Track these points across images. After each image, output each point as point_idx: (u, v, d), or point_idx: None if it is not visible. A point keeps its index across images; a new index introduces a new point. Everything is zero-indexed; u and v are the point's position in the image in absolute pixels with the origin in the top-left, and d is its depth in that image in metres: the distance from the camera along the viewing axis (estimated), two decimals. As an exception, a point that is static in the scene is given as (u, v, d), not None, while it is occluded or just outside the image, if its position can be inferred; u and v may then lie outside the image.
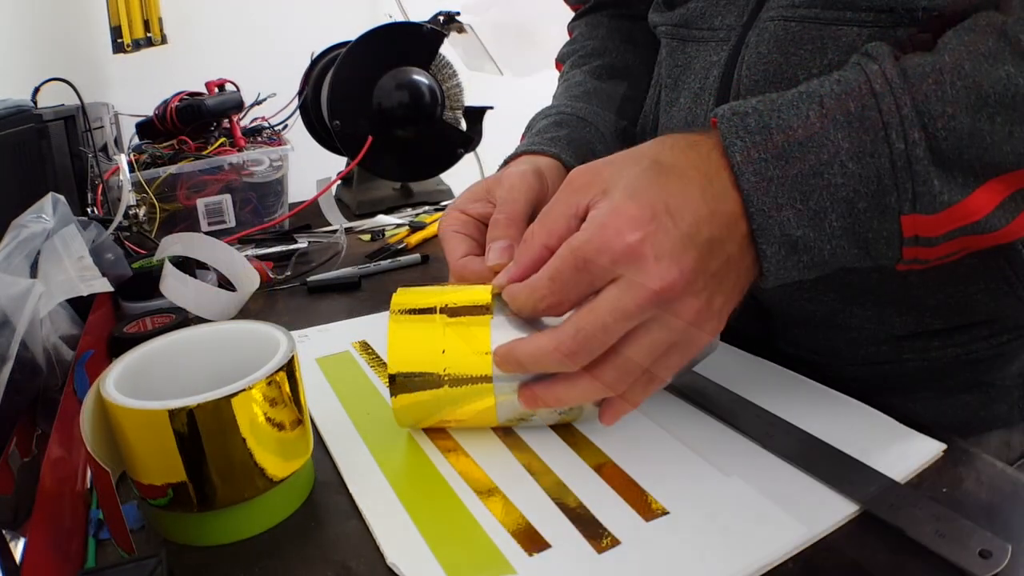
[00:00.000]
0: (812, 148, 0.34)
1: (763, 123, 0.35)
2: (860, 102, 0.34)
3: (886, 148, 0.34)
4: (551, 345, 0.36)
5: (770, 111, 0.36)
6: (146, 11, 1.56)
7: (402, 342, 0.42)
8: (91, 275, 0.54)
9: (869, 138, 0.34)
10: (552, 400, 0.39)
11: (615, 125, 0.62)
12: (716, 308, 0.37)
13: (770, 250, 0.36)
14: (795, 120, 0.35)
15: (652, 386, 0.39)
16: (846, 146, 0.34)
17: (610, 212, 0.35)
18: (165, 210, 0.89)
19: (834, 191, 0.34)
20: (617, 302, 0.35)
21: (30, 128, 0.81)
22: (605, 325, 0.35)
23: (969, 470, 0.39)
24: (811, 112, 0.35)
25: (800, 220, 0.35)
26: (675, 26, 0.56)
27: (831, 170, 0.34)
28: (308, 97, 1.15)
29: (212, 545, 0.38)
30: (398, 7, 1.49)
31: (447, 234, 0.49)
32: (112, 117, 1.16)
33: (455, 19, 1.12)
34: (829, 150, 0.34)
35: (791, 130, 0.35)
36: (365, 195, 1.08)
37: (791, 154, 0.35)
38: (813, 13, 0.45)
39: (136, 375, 0.39)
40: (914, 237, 0.36)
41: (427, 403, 0.42)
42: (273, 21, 1.95)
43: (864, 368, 0.54)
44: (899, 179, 0.34)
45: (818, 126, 0.34)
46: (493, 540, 0.36)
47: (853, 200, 0.35)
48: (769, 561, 0.34)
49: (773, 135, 0.35)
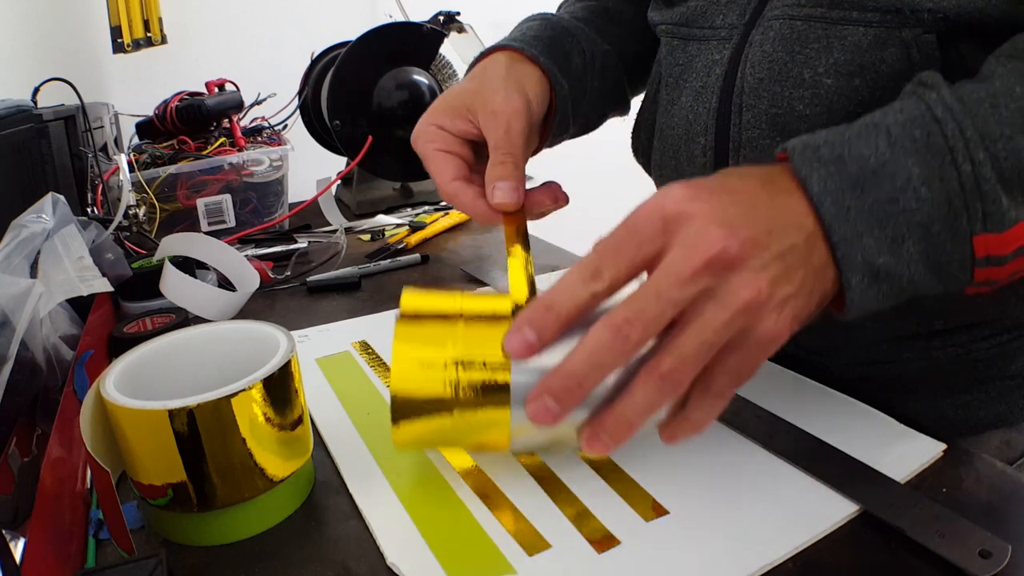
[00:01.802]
0: (886, 176, 0.35)
1: (836, 153, 0.35)
2: (924, 128, 0.35)
3: (954, 171, 0.34)
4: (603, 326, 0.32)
5: (841, 142, 0.36)
6: (146, 11, 1.56)
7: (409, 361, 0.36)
8: (91, 275, 0.54)
9: (937, 163, 0.34)
10: (615, 425, 0.33)
11: (597, 45, 0.61)
12: (779, 298, 0.33)
13: (855, 279, 0.35)
14: (866, 149, 0.35)
15: (709, 397, 0.34)
16: (916, 171, 0.34)
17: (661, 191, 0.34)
18: (165, 210, 0.89)
19: (909, 216, 0.35)
20: (669, 267, 0.32)
21: (30, 128, 0.81)
22: (658, 291, 0.32)
23: (969, 470, 0.39)
24: (880, 141, 0.35)
25: (880, 247, 0.35)
26: (675, 25, 0.56)
27: (905, 196, 0.35)
28: (308, 97, 1.15)
29: (212, 545, 0.38)
30: (398, 7, 1.49)
31: (429, 152, 0.48)
32: (112, 117, 1.16)
33: (455, 19, 1.12)
34: (902, 176, 0.34)
35: (863, 159, 0.35)
36: (365, 195, 1.08)
37: (866, 182, 0.35)
38: (819, 12, 0.45)
39: (136, 375, 0.39)
40: (986, 257, 0.36)
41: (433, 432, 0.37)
42: (273, 21, 1.94)
43: (864, 368, 0.54)
44: (968, 200, 0.34)
45: (888, 154, 0.35)
46: (493, 540, 0.36)
47: (928, 224, 0.35)
48: (769, 561, 0.34)
49: (847, 165, 0.35)
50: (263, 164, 0.96)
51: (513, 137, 0.47)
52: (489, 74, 0.51)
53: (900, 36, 0.42)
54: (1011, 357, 0.51)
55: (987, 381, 0.52)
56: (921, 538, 0.34)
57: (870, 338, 0.52)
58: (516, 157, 0.46)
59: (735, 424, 0.44)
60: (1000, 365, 0.51)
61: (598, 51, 0.60)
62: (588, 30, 0.61)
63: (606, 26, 0.64)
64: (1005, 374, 0.51)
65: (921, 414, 0.46)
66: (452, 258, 0.82)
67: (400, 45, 1.00)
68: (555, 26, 0.59)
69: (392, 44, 0.99)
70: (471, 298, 0.38)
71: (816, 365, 0.52)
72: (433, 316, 0.37)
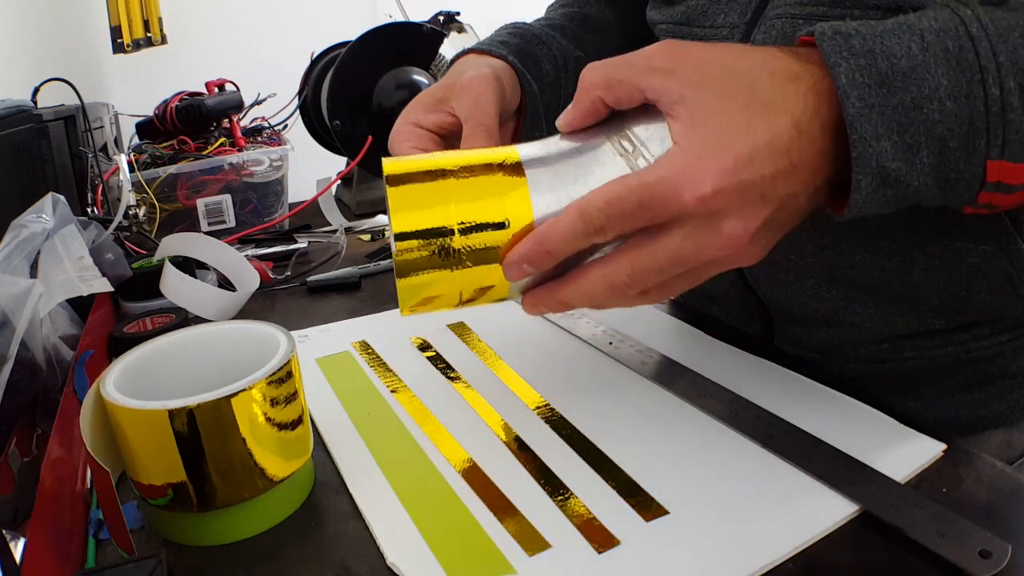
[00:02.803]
0: (914, 80, 0.34)
1: (867, 47, 0.34)
2: (957, 42, 0.34)
3: (981, 91, 0.33)
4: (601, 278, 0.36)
5: (872, 35, 0.35)
6: (146, 11, 1.56)
7: (408, 198, 0.37)
8: (91, 275, 0.54)
9: (966, 79, 0.34)
10: (557, 305, 0.38)
11: (569, 52, 0.61)
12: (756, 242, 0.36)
13: (864, 180, 0.35)
14: (898, 48, 0.34)
15: (632, 295, 0.38)
16: (944, 83, 0.34)
17: (691, 156, 0.34)
18: (165, 210, 0.89)
19: (930, 127, 0.34)
20: (679, 250, 0.35)
21: (30, 128, 0.81)
22: (661, 268, 0.35)
23: (969, 470, 0.39)
24: (913, 43, 0.34)
25: (896, 152, 0.34)
26: (676, 23, 0.56)
27: (930, 105, 0.34)
28: (308, 97, 1.15)
29: (212, 545, 0.38)
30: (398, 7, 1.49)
31: (405, 151, 0.48)
32: (112, 117, 1.16)
33: (455, 19, 1.12)
34: (930, 84, 0.34)
35: (895, 58, 0.34)
36: (365, 195, 1.08)
37: (894, 83, 0.34)
38: (821, 11, 0.45)
39: (136, 375, 0.39)
40: (996, 183, 0.35)
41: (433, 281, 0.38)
42: (273, 21, 1.94)
43: (864, 367, 0.54)
44: (991, 124, 0.34)
45: (920, 58, 0.34)
46: (493, 540, 0.36)
47: (946, 138, 0.34)
48: (769, 561, 0.34)
49: (878, 61, 0.34)
50: (263, 164, 0.96)
51: (483, 106, 0.47)
52: (459, 69, 0.52)
53: None
54: (1011, 356, 0.51)
55: (987, 381, 0.52)
56: (921, 538, 0.34)
57: (870, 338, 0.52)
58: (488, 127, 0.46)
59: (735, 424, 0.44)
60: (1000, 364, 0.51)
61: (571, 57, 0.61)
62: (560, 37, 0.61)
63: (583, 34, 0.64)
64: (1005, 373, 0.51)
65: (921, 414, 0.46)
66: (452, 258, 0.82)
67: (400, 45, 1.00)
68: (524, 34, 0.59)
69: (392, 44, 0.99)
70: (455, 154, 0.39)
71: (816, 364, 0.52)
72: (423, 174, 0.38)
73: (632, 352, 0.53)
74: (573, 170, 0.37)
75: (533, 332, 0.59)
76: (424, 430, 0.46)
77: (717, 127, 0.34)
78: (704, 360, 0.51)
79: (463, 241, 0.37)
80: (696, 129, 0.35)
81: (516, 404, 0.48)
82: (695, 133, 0.35)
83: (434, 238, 0.36)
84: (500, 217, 0.37)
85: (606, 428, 0.45)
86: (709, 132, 0.34)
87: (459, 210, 0.37)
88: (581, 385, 0.50)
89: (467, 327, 0.61)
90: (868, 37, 0.34)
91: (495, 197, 0.37)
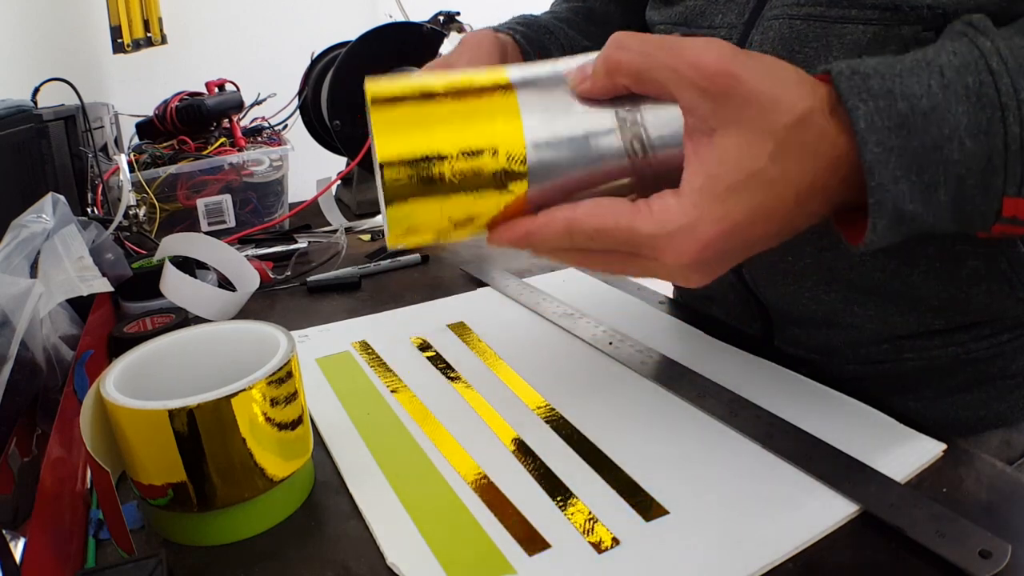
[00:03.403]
0: (934, 120, 0.33)
1: (886, 87, 0.33)
2: (978, 78, 0.33)
3: (1001, 128, 0.33)
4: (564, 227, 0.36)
5: (891, 75, 0.34)
6: (146, 11, 1.56)
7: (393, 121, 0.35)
8: (91, 275, 0.54)
9: (986, 116, 0.33)
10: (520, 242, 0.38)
11: (576, 41, 0.61)
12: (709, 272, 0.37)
13: (880, 223, 0.34)
14: (918, 88, 0.33)
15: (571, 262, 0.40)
16: (964, 121, 0.33)
17: (688, 220, 0.34)
18: (165, 210, 0.89)
19: (949, 167, 0.34)
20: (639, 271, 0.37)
21: (30, 128, 0.81)
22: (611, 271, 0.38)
23: (969, 470, 0.39)
24: (933, 81, 0.34)
25: (913, 193, 0.34)
26: (674, 24, 0.56)
27: (950, 144, 0.33)
28: (308, 97, 1.15)
29: (212, 545, 0.38)
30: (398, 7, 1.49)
31: None
32: (112, 117, 1.16)
33: (455, 19, 1.12)
34: (950, 123, 0.33)
35: (915, 98, 0.33)
36: (365, 195, 1.08)
37: (914, 124, 0.33)
38: (818, 11, 0.45)
39: (136, 375, 0.39)
40: (1012, 217, 0.35)
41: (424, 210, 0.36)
42: (273, 21, 1.95)
43: (864, 367, 0.54)
44: (1009, 162, 0.33)
45: (940, 96, 0.33)
46: (493, 540, 0.36)
47: (964, 177, 0.34)
48: (769, 561, 0.34)
49: (897, 102, 0.33)
50: (263, 164, 0.96)
51: (482, 55, 0.48)
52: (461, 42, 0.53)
53: (899, 33, 0.42)
54: (1011, 357, 0.51)
55: (987, 381, 0.52)
56: (921, 538, 0.34)
57: (870, 338, 0.52)
58: None
59: (735, 424, 0.44)
60: (1000, 365, 0.51)
61: (578, 47, 0.61)
62: (567, 28, 0.62)
63: (587, 26, 0.65)
64: (1005, 374, 0.51)
65: (921, 414, 0.46)
66: (452, 258, 0.82)
67: (400, 45, 1.00)
68: (531, 23, 0.60)
69: (392, 44, 0.99)
70: (443, 75, 0.37)
71: (816, 365, 0.52)
72: (409, 97, 0.36)
73: (632, 352, 0.53)
74: (564, 100, 0.36)
75: (533, 332, 0.59)
76: (424, 430, 0.46)
77: (728, 186, 0.34)
78: (704, 360, 0.51)
79: (452, 166, 0.35)
80: (708, 181, 0.34)
81: (516, 404, 0.48)
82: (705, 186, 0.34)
83: (422, 163, 0.35)
84: (490, 142, 0.35)
85: (606, 428, 0.45)
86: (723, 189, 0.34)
87: (447, 134, 0.35)
88: (581, 385, 0.50)
89: (467, 327, 0.61)
90: (887, 77, 0.34)
91: (485, 121, 0.35)
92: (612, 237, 0.35)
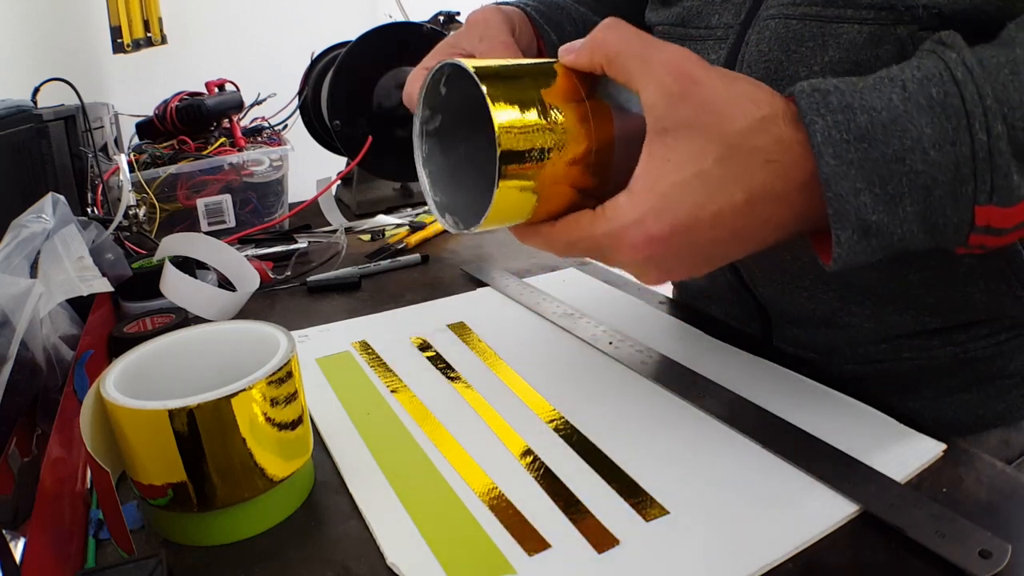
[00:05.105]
0: (895, 132, 0.34)
1: (845, 102, 0.34)
2: (942, 88, 0.33)
3: (968, 137, 0.33)
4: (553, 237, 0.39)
5: (852, 91, 0.34)
6: (146, 11, 1.57)
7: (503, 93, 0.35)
8: (91, 275, 0.54)
9: (951, 126, 0.33)
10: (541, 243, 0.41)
11: (588, 17, 0.62)
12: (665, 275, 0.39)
13: (844, 235, 0.35)
14: (878, 101, 0.34)
15: None
16: (928, 132, 0.33)
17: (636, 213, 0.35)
18: (165, 210, 0.89)
19: (913, 177, 0.34)
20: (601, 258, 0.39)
21: (30, 128, 0.81)
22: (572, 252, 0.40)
23: (969, 470, 0.39)
24: (894, 95, 0.34)
25: (876, 204, 0.34)
26: (672, 25, 0.56)
27: (913, 156, 0.33)
28: (308, 97, 1.15)
29: (212, 545, 0.38)
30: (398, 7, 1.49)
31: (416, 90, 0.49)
32: (112, 117, 1.16)
33: (455, 19, 1.12)
34: (912, 135, 0.33)
35: (874, 111, 0.34)
36: (365, 195, 1.08)
37: (874, 136, 0.34)
38: (814, 11, 0.45)
39: (136, 375, 0.39)
40: (986, 226, 0.35)
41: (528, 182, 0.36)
42: (273, 21, 1.95)
43: (863, 367, 0.54)
44: (978, 170, 0.33)
45: (902, 108, 0.34)
46: (493, 540, 0.36)
47: (930, 187, 0.34)
48: (769, 561, 0.34)
49: (857, 115, 0.34)
50: (263, 164, 0.96)
51: (493, 30, 0.48)
52: None
53: (895, 33, 0.42)
54: (1009, 356, 0.51)
55: (986, 380, 0.52)
56: (921, 538, 0.34)
57: (869, 337, 0.52)
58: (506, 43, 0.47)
59: (735, 424, 0.44)
60: (998, 364, 0.51)
61: (591, 22, 0.61)
62: (579, 6, 0.63)
63: (598, 6, 0.65)
64: (1004, 373, 0.51)
65: (921, 414, 0.46)
66: (452, 258, 0.82)
67: (400, 45, 1.00)
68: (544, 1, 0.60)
69: (392, 44, 0.99)
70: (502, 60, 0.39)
71: (816, 364, 0.52)
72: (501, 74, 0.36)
73: (632, 352, 0.53)
74: None
75: (533, 332, 0.59)
76: (424, 430, 0.46)
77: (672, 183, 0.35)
78: (704, 360, 0.52)
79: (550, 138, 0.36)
80: (657, 181, 0.35)
81: (516, 404, 0.48)
82: (654, 185, 0.35)
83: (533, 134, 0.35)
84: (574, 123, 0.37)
85: (606, 428, 0.45)
86: (666, 186, 0.35)
87: (541, 107, 0.36)
88: (581, 385, 0.50)
89: (467, 327, 0.61)
90: (847, 92, 0.34)
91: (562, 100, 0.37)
92: (579, 247, 0.38)
